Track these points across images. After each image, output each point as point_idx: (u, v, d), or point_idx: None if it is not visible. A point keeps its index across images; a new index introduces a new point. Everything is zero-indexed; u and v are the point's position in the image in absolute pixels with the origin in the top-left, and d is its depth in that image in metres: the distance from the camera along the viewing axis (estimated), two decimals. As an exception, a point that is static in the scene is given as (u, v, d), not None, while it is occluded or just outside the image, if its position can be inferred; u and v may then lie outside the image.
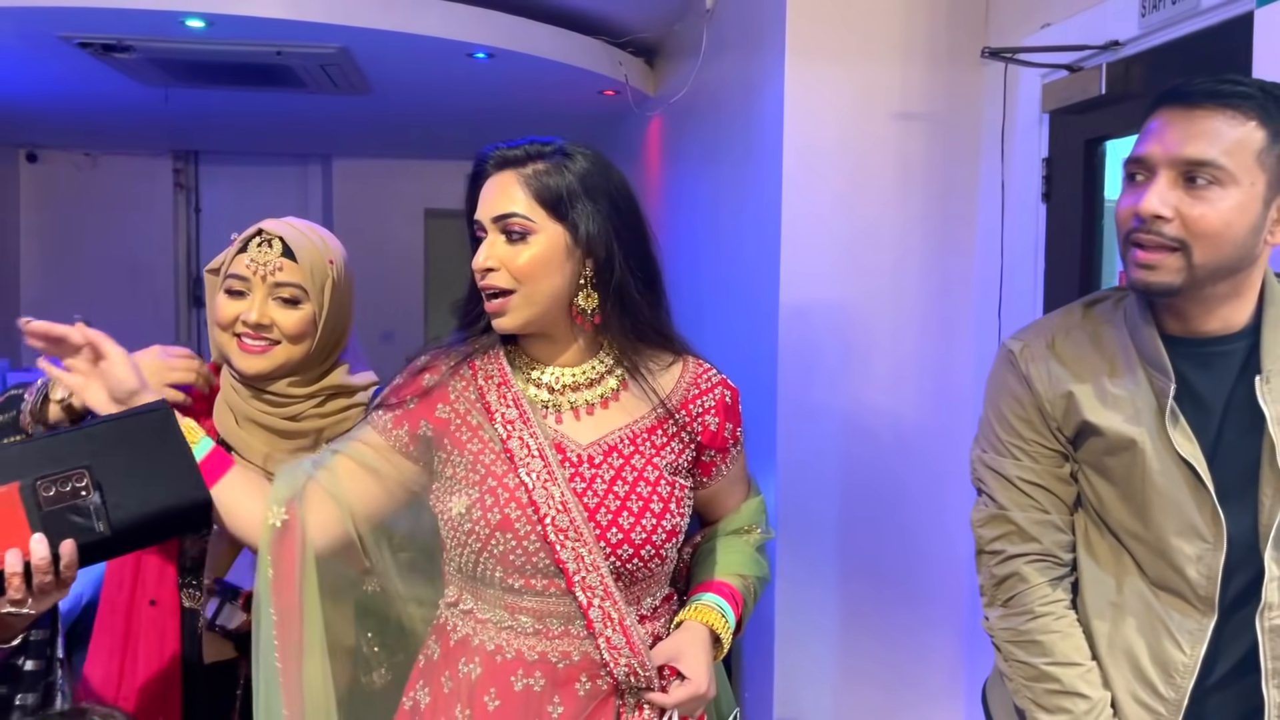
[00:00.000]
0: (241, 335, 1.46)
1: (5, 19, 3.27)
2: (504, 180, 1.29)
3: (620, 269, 1.30)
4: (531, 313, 1.29)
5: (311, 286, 1.48)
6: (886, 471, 2.66)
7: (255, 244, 1.47)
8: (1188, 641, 1.27)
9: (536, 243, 1.27)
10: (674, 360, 1.38)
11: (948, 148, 2.66)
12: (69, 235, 6.47)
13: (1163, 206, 1.19)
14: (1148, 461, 1.27)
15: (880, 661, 2.65)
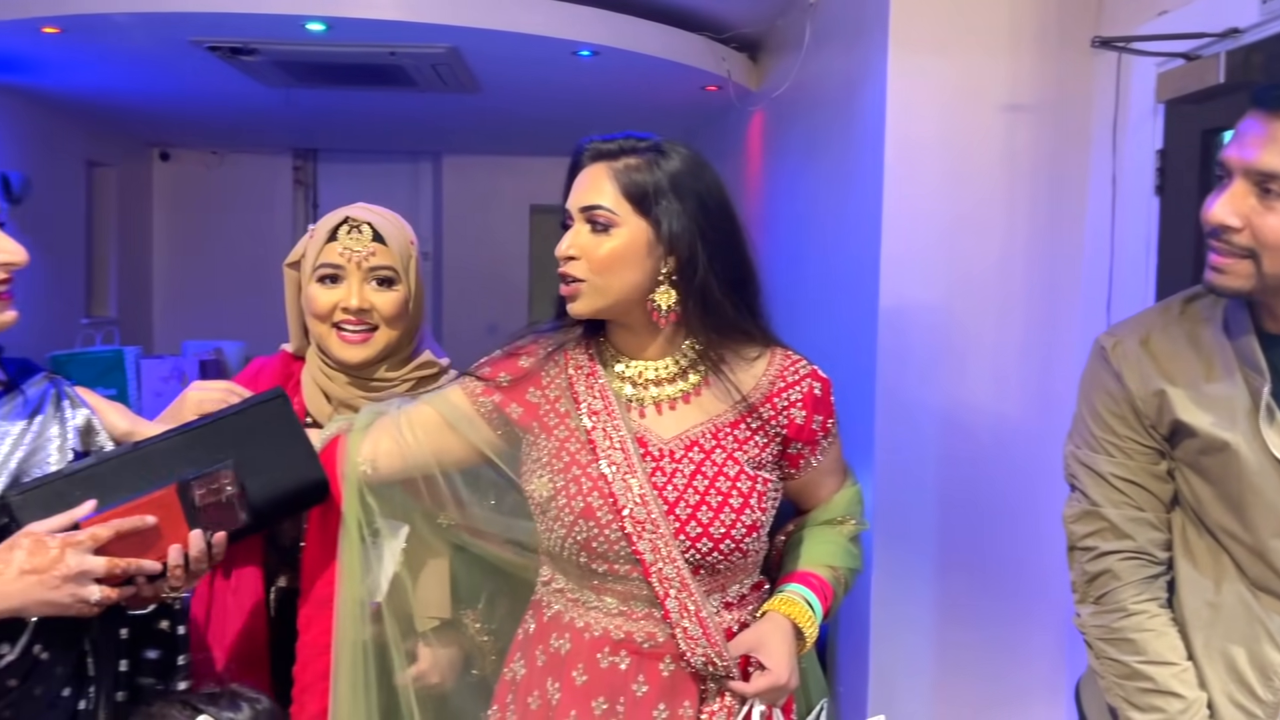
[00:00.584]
0: (340, 324, 1.50)
1: (143, 25, 3.48)
2: (595, 172, 1.33)
3: (703, 269, 1.31)
4: (602, 303, 1.32)
5: (401, 268, 1.52)
6: (986, 468, 2.62)
7: (345, 231, 1.50)
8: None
9: (618, 236, 1.30)
10: (760, 353, 1.38)
11: (1056, 140, 2.60)
12: (197, 230, 6.81)
13: (1231, 216, 1.17)
14: (1243, 462, 1.24)
15: (978, 656, 2.61)
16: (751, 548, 1.34)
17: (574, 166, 1.37)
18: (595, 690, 1.32)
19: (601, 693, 1.32)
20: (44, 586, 1.03)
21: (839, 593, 1.43)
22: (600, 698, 1.32)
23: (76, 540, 1.04)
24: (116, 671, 1.21)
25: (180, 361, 4.98)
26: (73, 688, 1.17)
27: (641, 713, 1.31)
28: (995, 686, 2.63)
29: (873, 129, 2.69)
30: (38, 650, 1.11)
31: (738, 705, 1.32)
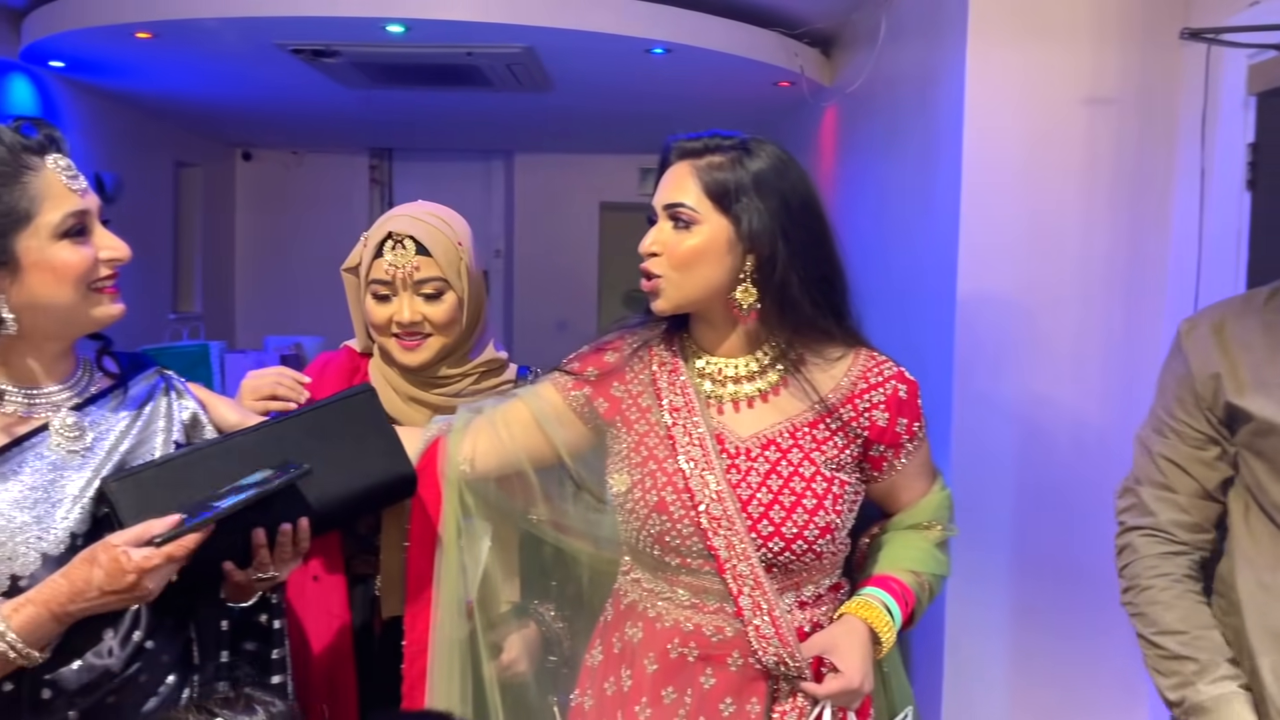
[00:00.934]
0: (397, 335, 1.53)
1: (230, 29, 3.59)
2: (680, 170, 1.34)
3: (782, 267, 1.31)
4: (681, 300, 1.33)
5: (450, 275, 1.52)
6: (1066, 468, 2.57)
7: (389, 248, 1.51)
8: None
9: (699, 233, 1.31)
10: (843, 354, 1.37)
11: (1141, 134, 2.54)
12: (277, 228, 6.99)
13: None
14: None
15: (1056, 660, 2.57)
16: (826, 549, 1.34)
17: (662, 164, 1.38)
18: (665, 679, 1.34)
19: (670, 682, 1.34)
20: (121, 603, 1.07)
21: (923, 599, 1.40)
22: (669, 687, 1.34)
23: (153, 565, 1.06)
24: (218, 662, 1.24)
25: (262, 356, 5.12)
26: (177, 676, 1.21)
27: (709, 705, 1.32)
28: (1073, 692, 2.58)
29: (951, 123, 2.66)
30: (139, 637, 1.16)
31: (809, 706, 1.32)
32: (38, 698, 1.09)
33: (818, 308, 1.34)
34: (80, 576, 1.05)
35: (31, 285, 1.10)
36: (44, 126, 1.14)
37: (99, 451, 1.16)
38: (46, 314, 1.12)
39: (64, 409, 1.16)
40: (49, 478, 1.11)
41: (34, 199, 1.09)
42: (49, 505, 1.10)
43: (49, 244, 1.10)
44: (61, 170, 1.12)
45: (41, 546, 1.09)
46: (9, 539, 1.07)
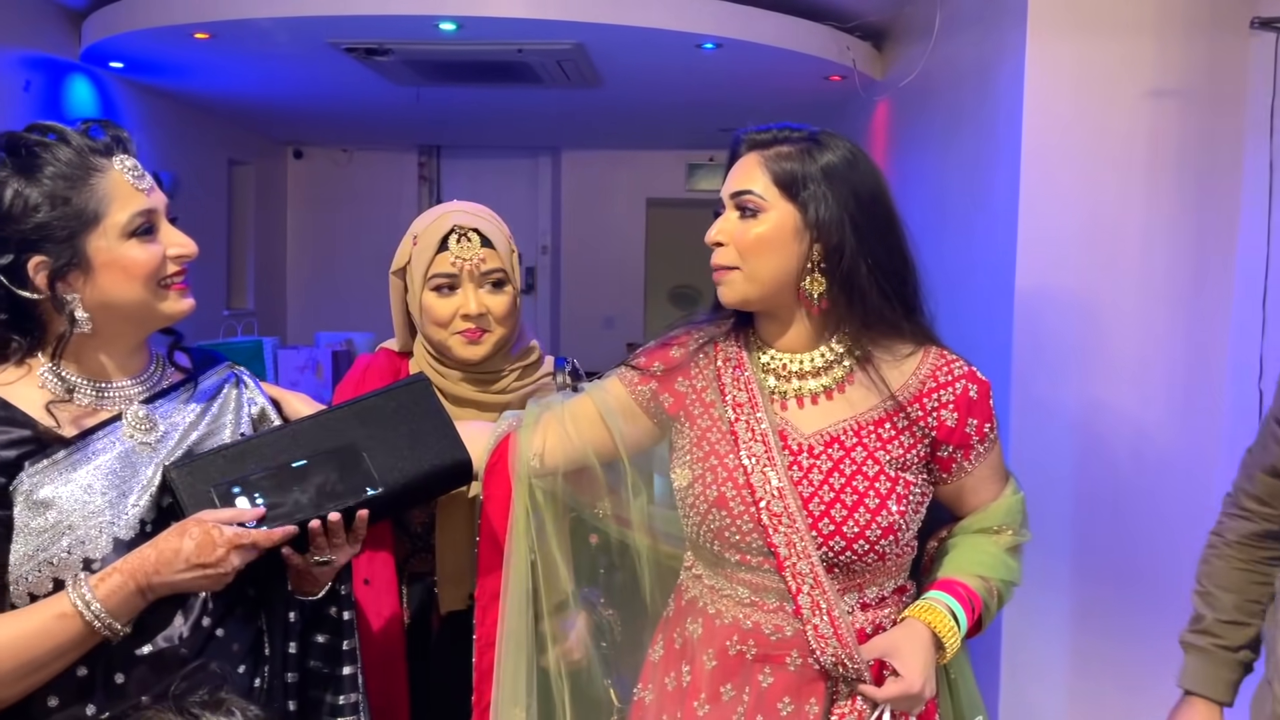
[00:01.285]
0: (460, 330, 1.54)
1: (285, 29, 3.64)
2: (748, 161, 1.34)
3: (850, 256, 1.29)
4: (751, 290, 1.32)
5: (508, 267, 1.56)
6: (1128, 472, 2.52)
7: (454, 240, 1.53)
8: None
9: (765, 221, 1.30)
10: (914, 350, 1.35)
11: (1206, 127, 2.48)
12: (327, 225, 7.07)
13: None
14: None
15: (1117, 666, 2.52)
16: (889, 550, 1.32)
17: (731, 157, 1.37)
18: (724, 676, 1.33)
19: (729, 680, 1.33)
20: (206, 580, 1.10)
21: (991, 605, 1.37)
22: (728, 684, 1.33)
23: (242, 545, 1.10)
24: (286, 652, 1.26)
25: (315, 352, 5.19)
26: (248, 665, 1.23)
27: (766, 704, 1.31)
28: (1135, 698, 2.53)
29: (1009, 118, 2.61)
30: (208, 624, 1.18)
31: (868, 710, 1.30)
32: (111, 681, 1.11)
33: (887, 299, 1.32)
34: (170, 547, 1.08)
35: (103, 284, 1.13)
36: (111, 128, 1.16)
37: (169, 442, 1.19)
38: (119, 312, 1.15)
39: (136, 402, 1.19)
40: (121, 466, 1.15)
41: (102, 200, 1.12)
42: (120, 493, 1.14)
43: (118, 243, 1.13)
44: (128, 170, 1.15)
45: (114, 531, 1.12)
46: (82, 523, 1.10)
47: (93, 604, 1.06)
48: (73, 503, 1.11)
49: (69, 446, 1.13)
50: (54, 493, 1.10)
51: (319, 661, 1.30)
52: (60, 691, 1.09)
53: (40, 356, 1.16)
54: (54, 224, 1.10)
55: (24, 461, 1.10)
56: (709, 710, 1.34)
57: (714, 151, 6.63)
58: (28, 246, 1.10)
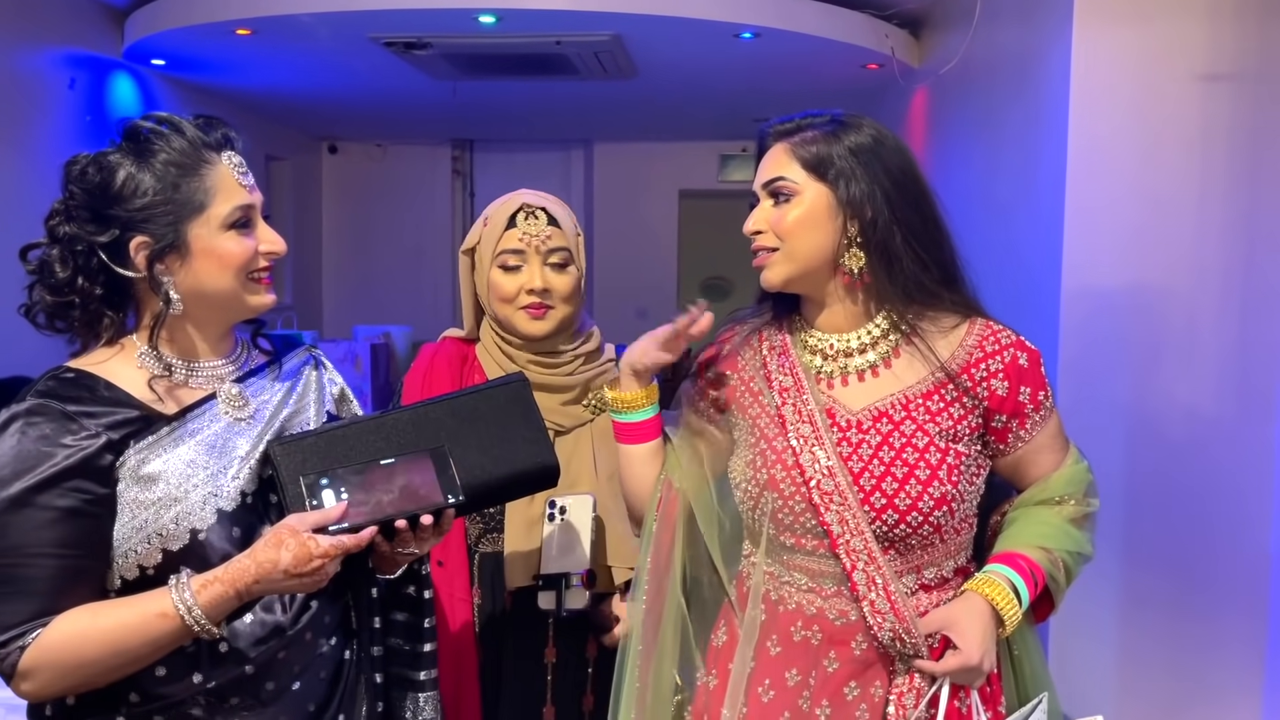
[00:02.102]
0: (525, 305, 1.59)
1: (326, 24, 3.67)
2: (777, 150, 1.36)
3: (885, 229, 1.31)
4: (793, 269, 1.34)
5: (573, 248, 1.62)
6: (1180, 463, 2.50)
7: (522, 218, 1.60)
8: None
9: (799, 203, 1.32)
10: (959, 322, 1.35)
11: (1259, 112, 2.44)
12: (362, 220, 7.13)
13: None
14: None
15: (1166, 655, 2.51)
16: (944, 522, 1.31)
17: (760, 151, 1.40)
18: (788, 662, 1.34)
19: (795, 665, 1.34)
20: (300, 585, 1.14)
21: (1058, 577, 1.35)
22: (793, 669, 1.34)
23: (334, 554, 1.14)
24: (372, 627, 1.31)
25: (353, 345, 5.25)
26: (339, 638, 1.28)
27: (832, 688, 1.32)
28: (1185, 685, 2.52)
29: (1055, 103, 2.59)
30: (303, 596, 1.22)
31: (927, 685, 1.31)
32: (216, 651, 1.16)
33: (925, 267, 1.33)
34: (268, 559, 1.11)
35: (198, 270, 1.18)
36: (220, 125, 1.22)
37: (261, 418, 1.24)
38: (209, 299, 1.20)
39: (228, 380, 1.24)
40: (220, 441, 1.19)
41: (209, 191, 1.17)
42: (221, 466, 1.18)
43: (217, 233, 1.18)
44: (235, 166, 1.20)
45: (217, 503, 1.17)
46: (187, 495, 1.15)
47: (194, 609, 1.09)
48: (178, 476, 1.15)
49: (171, 423, 1.17)
50: (160, 467, 1.15)
51: (399, 639, 1.35)
52: (168, 662, 1.13)
53: (133, 337, 1.21)
54: (161, 208, 1.15)
55: (130, 440, 1.14)
56: (774, 696, 1.35)
57: (746, 142, 6.62)
58: (132, 226, 1.15)
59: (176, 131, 1.18)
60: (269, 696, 1.18)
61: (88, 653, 1.08)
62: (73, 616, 1.09)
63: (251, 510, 1.19)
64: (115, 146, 1.18)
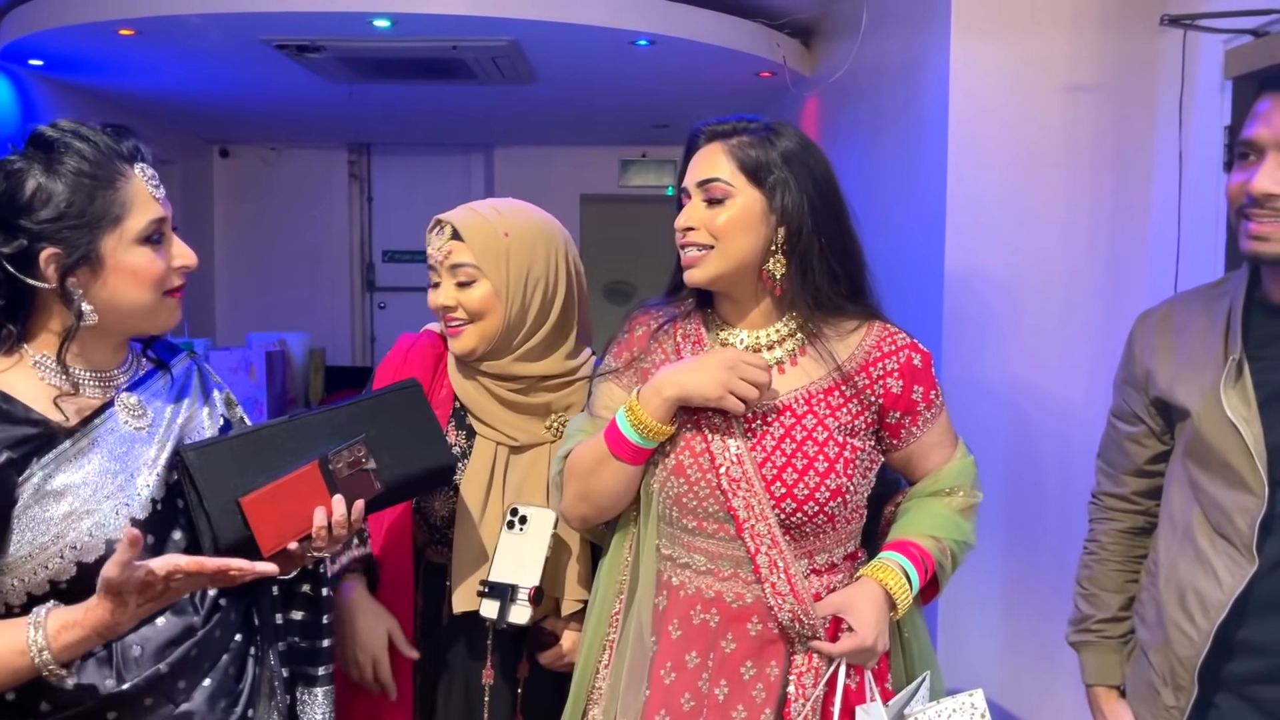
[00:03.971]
0: (446, 321, 1.60)
1: (216, 25, 3.59)
2: (711, 150, 1.41)
3: (809, 239, 1.38)
4: (722, 268, 1.39)
5: (484, 262, 1.55)
6: (1053, 447, 2.64)
7: (431, 230, 1.60)
8: (1227, 583, 1.36)
9: (734, 205, 1.38)
10: (858, 325, 1.44)
11: (1120, 119, 2.61)
12: (256, 225, 6.95)
13: (1275, 184, 1.28)
14: (1204, 421, 1.38)
15: (1046, 633, 2.63)
16: (838, 513, 1.39)
17: (689, 149, 1.44)
18: (688, 644, 1.40)
19: (694, 647, 1.40)
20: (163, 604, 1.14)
21: (945, 564, 1.45)
22: (692, 652, 1.40)
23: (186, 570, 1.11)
24: (274, 624, 1.32)
25: (247, 353, 5.11)
26: (243, 635, 1.28)
27: (729, 669, 1.38)
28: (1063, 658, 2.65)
29: (936, 111, 2.71)
30: (214, 593, 1.24)
31: (824, 666, 1.37)
32: (127, 653, 1.15)
33: (836, 280, 1.41)
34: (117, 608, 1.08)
35: (112, 285, 1.17)
36: (130, 135, 1.20)
37: (159, 426, 1.24)
38: (122, 313, 1.19)
39: (121, 389, 1.23)
40: (124, 450, 1.19)
41: (124, 204, 1.16)
42: (128, 475, 1.18)
43: (131, 248, 1.17)
44: (148, 179, 1.19)
45: (130, 512, 1.16)
46: (98, 506, 1.15)
47: (45, 651, 1.07)
48: (88, 488, 1.14)
49: (73, 435, 1.16)
50: (68, 480, 1.14)
51: (297, 636, 1.36)
52: (81, 669, 1.13)
53: (27, 346, 1.18)
54: (73, 220, 1.13)
55: (33, 457, 1.12)
56: (675, 678, 1.40)
57: (647, 148, 6.70)
58: (42, 237, 1.13)
59: (88, 141, 1.15)
60: (181, 696, 1.18)
61: None
62: None
63: (162, 517, 1.19)
64: (20, 154, 1.14)
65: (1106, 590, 1.61)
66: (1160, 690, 1.45)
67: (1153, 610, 1.49)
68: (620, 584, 1.47)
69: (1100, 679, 1.62)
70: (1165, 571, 1.46)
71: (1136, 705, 1.54)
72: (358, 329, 6.96)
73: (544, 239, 1.61)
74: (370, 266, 6.95)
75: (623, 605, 1.47)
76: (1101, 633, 1.61)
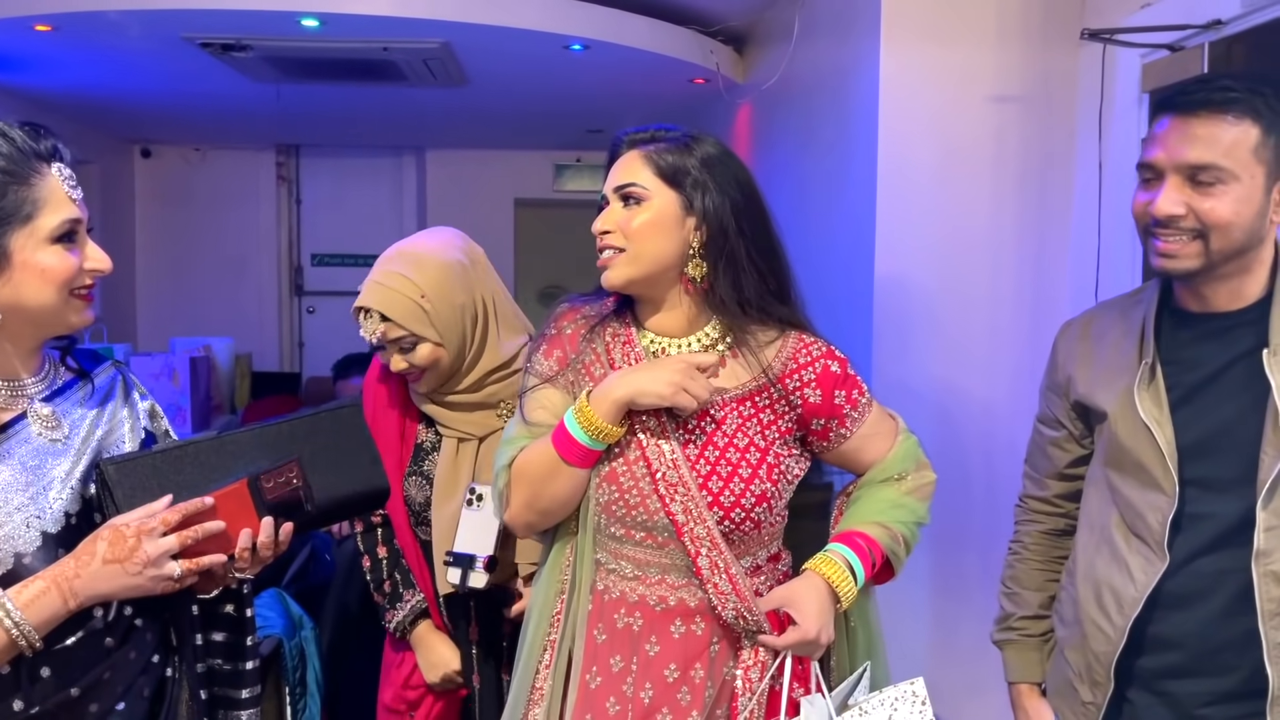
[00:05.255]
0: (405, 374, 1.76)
1: (136, 22, 3.48)
2: (630, 157, 1.42)
3: (734, 240, 1.39)
4: (636, 271, 1.39)
5: (416, 329, 1.71)
6: (979, 450, 2.70)
7: (361, 318, 1.74)
8: (1140, 580, 1.41)
9: (649, 208, 1.39)
10: (776, 336, 1.44)
11: (1044, 129, 2.68)
12: (180, 227, 6.77)
13: (1175, 206, 1.33)
14: (1121, 424, 1.43)
15: (973, 627, 2.69)
16: (763, 518, 1.40)
17: (611, 158, 1.44)
18: (612, 648, 1.40)
19: (618, 651, 1.40)
20: (126, 573, 1.11)
21: (897, 550, 1.46)
22: (617, 655, 1.39)
23: (149, 528, 1.12)
24: (194, 644, 1.28)
25: (170, 358, 4.97)
26: (160, 655, 1.24)
27: (653, 671, 1.38)
28: (991, 652, 2.71)
29: (865, 120, 2.76)
30: (129, 613, 1.19)
31: (770, 660, 1.38)
32: (36, 675, 1.11)
33: (763, 280, 1.42)
34: (85, 551, 1.10)
35: (18, 283, 1.13)
36: (48, 135, 1.17)
37: (75, 438, 1.20)
38: (28, 313, 1.15)
39: (37, 400, 1.19)
40: (35, 463, 1.15)
41: (36, 202, 1.13)
42: (40, 488, 1.14)
43: (41, 246, 1.14)
44: (65, 179, 1.17)
45: (40, 525, 1.13)
46: (8, 519, 1.11)
47: (13, 612, 1.05)
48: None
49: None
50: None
51: (219, 658, 1.32)
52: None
53: None
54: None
55: None
56: (601, 682, 1.40)
57: (581, 152, 6.69)
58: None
59: (3, 137, 1.13)
60: (93, 719, 1.14)
61: None
62: None
63: (75, 530, 1.15)
64: None
65: (1028, 589, 1.66)
66: (1078, 687, 1.50)
67: (1070, 608, 1.53)
68: (561, 583, 1.45)
69: (1022, 676, 1.66)
70: (1083, 570, 1.51)
71: (1056, 702, 1.58)
72: (285, 334, 6.82)
73: (456, 276, 1.75)
74: (299, 270, 6.82)
75: (563, 605, 1.45)
76: (1023, 630, 1.65)
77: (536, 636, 1.45)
